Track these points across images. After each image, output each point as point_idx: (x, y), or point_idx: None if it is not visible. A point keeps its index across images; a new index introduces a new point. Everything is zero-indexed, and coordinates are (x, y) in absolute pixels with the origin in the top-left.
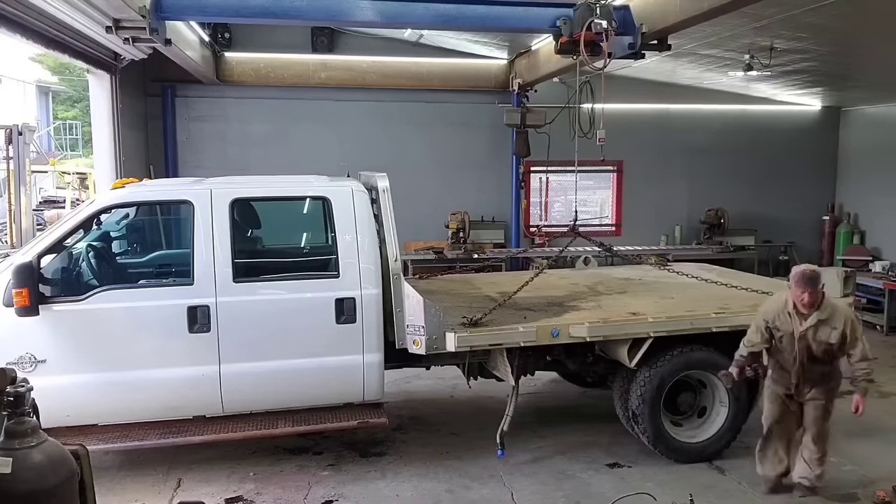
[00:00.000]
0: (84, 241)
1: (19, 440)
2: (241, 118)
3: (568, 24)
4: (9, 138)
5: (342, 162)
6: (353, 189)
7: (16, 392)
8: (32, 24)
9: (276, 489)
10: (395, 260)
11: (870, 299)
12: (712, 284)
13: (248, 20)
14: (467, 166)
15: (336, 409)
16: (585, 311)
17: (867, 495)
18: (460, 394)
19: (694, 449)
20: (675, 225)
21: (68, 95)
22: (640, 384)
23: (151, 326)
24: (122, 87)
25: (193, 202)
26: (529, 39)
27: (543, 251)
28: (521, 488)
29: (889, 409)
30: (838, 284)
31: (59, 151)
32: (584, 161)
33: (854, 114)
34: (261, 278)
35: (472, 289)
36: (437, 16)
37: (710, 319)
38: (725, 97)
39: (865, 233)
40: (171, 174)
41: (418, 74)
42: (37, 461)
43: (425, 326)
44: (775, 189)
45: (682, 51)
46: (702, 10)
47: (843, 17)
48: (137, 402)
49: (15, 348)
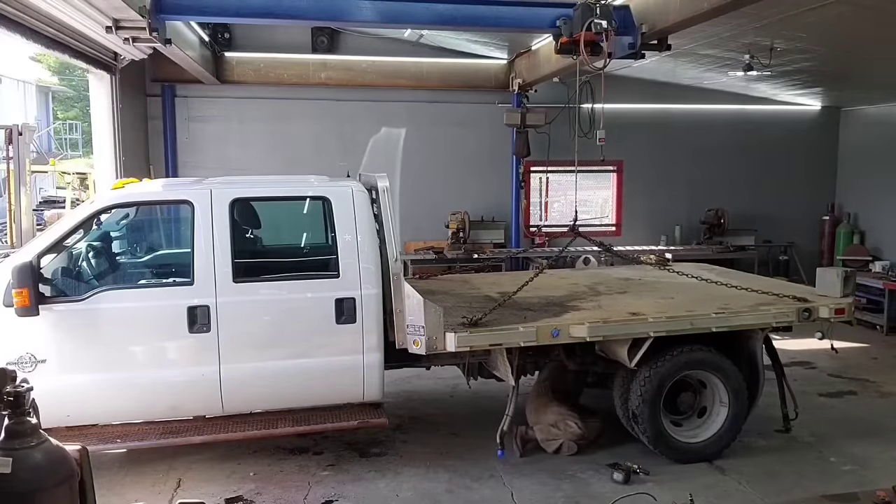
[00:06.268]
0: (84, 241)
1: (19, 440)
2: (241, 118)
3: (568, 24)
4: (9, 138)
5: (342, 162)
6: (353, 189)
7: (16, 392)
8: (32, 24)
9: (276, 489)
10: (395, 260)
11: (870, 299)
12: (712, 284)
13: (248, 20)
14: (467, 166)
15: (336, 409)
16: (585, 311)
17: (867, 495)
18: (460, 394)
19: (694, 449)
20: (675, 225)
21: (68, 95)
22: (640, 384)
23: (151, 326)
24: (122, 87)
25: (193, 202)
26: (529, 39)
27: (543, 251)
28: (521, 488)
29: (889, 409)
30: (838, 284)
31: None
32: (584, 161)
33: (854, 114)
34: (261, 278)
35: (472, 289)
36: (436, 16)
37: (710, 319)
38: (725, 97)
39: (865, 233)
40: (171, 174)
41: (418, 74)
42: (37, 461)
43: (425, 326)
44: (775, 189)
45: (682, 51)
46: (702, 10)
47: (843, 17)
48: (137, 402)
49: (15, 348)
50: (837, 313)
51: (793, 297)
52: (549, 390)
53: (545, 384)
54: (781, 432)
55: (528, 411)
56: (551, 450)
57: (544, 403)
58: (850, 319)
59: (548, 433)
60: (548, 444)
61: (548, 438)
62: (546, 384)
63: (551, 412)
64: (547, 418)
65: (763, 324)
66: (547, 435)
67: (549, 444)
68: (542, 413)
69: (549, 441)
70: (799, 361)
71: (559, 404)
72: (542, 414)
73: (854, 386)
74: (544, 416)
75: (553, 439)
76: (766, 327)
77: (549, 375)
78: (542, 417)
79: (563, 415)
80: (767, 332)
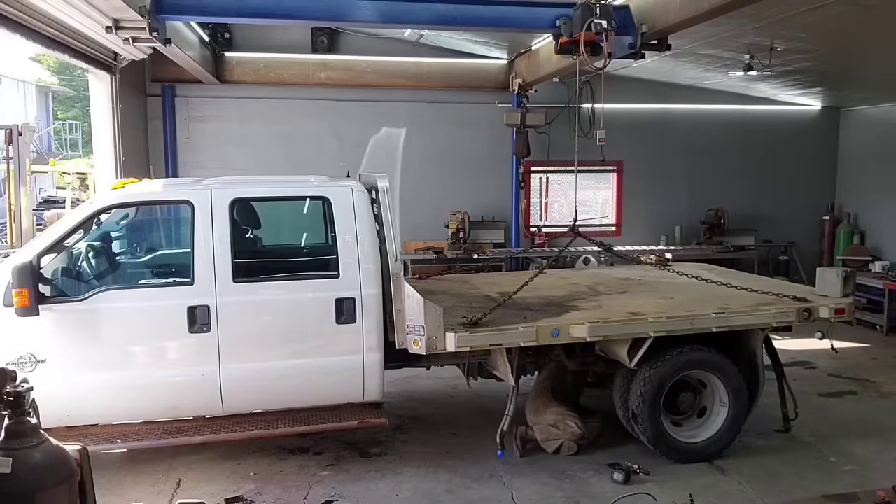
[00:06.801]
0: (84, 241)
1: (19, 440)
2: (241, 118)
3: (568, 24)
4: (9, 138)
5: (342, 162)
6: (353, 189)
7: (16, 392)
8: (32, 24)
9: (276, 489)
10: (395, 260)
11: (870, 299)
12: (712, 284)
13: (248, 20)
14: (467, 166)
15: (336, 409)
16: (585, 311)
17: (867, 495)
18: (460, 394)
19: (694, 449)
20: (675, 225)
21: (68, 95)
22: (640, 384)
23: (151, 326)
24: (122, 87)
25: (193, 202)
26: (529, 39)
27: (543, 251)
28: (521, 488)
29: (889, 409)
30: (838, 284)
31: (59, 151)
32: (584, 161)
33: (854, 114)
34: (261, 278)
35: (472, 289)
36: (437, 16)
37: (710, 319)
38: (725, 97)
39: (865, 233)
40: (171, 174)
41: (418, 74)
42: (37, 461)
43: (425, 326)
44: (775, 189)
45: (682, 51)
46: (702, 10)
47: (843, 17)
48: (137, 402)
49: (15, 348)
50: (837, 313)
51: (793, 297)
52: (549, 390)
53: (545, 384)
54: (781, 432)
55: (528, 411)
56: (551, 450)
57: (544, 403)
58: (850, 319)
59: (548, 433)
60: (548, 445)
61: (548, 438)
62: (546, 384)
63: (551, 412)
64: (547, 418)
65: (763, 324)
66: (547, 435)
67: (548, 444)
68: (542, 413)
69: (549, 441)
70: (799, 361)
71: (559, 404)
72: (541, 414)
73: (854, 386)
74: (544, 416)
75: (553, 439)
76: (766, 327)
77: (548, 375)
78: (542, 417)
79: (563, 415)
80: (767, 332)
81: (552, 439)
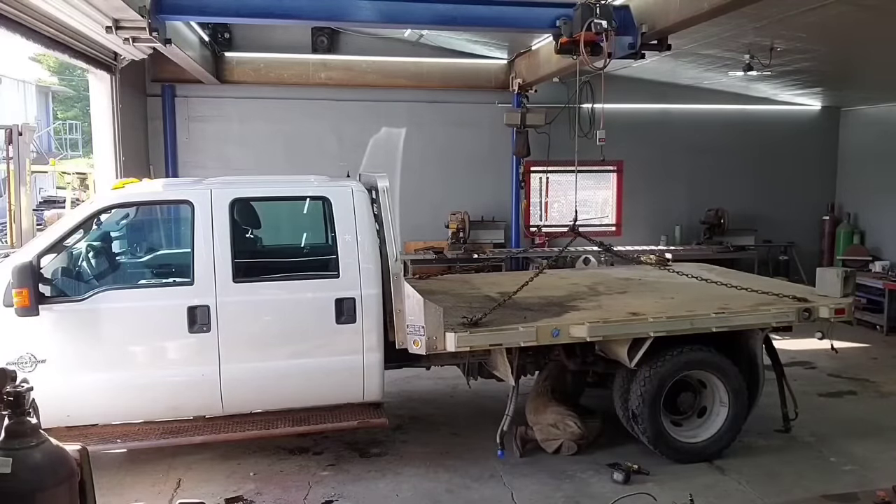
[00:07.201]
0: (84, 241)
1: (19, 440)
2: (241, 118)
3: (568, 24)
4: (9, 138)
5: (342, 162)
6: (353, 189)
7: (16, 392)
8: (32, 24)
9: (276, 489)
10: (395, 260)
11: (870, 299)
12: (712, 284)
13: (248, 20)
14: (467, 166)
15: (336, 409)
16: (585, 311)
17: (867, 495)
18: (460, 394)
19: (694, 449)
20: (675, 225)
21: (68, 95)
22: (640, 384)
23: (151, 326)
24: (122, 87)
25: (193, 202)
26: (529, 39)
27: (543, 251)
28: (521, 488)
29: (889, 409)
30: (838, 284)
31: (59, 151)
32: (584, 161)
33: (854, 114)
34: (261, 278)
35: (472, 289)
36: (437, 16)
37: (710, 319)
38: (725, 97)
39: (865, 233)
40: (171, 174)
41: (418, 74)
42: (37, 461)
43: (425, 326)
44: (775, 189)
45: (682, 51)
46: (702, 10)
47: (843, 17)
48: (137, 402)
49: (15, 348)
50: (837, 313)
51: (793, 297)
52: (549, 390)
53: (545, 384)
54: (781, 432)
55: (528, 411)
56: (551, 450)
57: (544, 403)
58: (850, 319)
59: (547, 433)
60: (548, 444)
61: (547, 438)
62: (546, 384)
63: (551, 412)
64: (547, 418)
65: (763, 324)
66: (547, 435)
67: (548, 444)
68: (542, 413)
69: (549, 441)
70: (799, 361)
71: (559, 404)
72: (541, 414)
73: (854, 386)
74: (544, 417)
75: (553, 439)
76: (766, 327)
77: (548, 375)
78: (542, 417)
79: (563, 415)
80: (767, 332)
81: (552, 439)
